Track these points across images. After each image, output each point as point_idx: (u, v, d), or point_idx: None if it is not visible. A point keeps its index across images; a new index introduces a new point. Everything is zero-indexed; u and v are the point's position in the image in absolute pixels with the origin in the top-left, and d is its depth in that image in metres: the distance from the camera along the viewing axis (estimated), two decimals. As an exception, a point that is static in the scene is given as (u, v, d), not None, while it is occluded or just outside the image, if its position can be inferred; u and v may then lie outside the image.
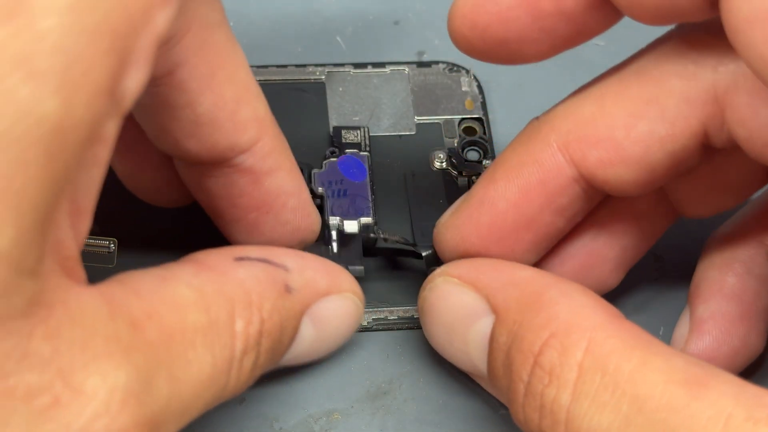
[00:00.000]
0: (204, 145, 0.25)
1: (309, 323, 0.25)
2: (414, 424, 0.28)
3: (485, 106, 0.35)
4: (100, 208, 0.20)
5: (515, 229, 0.26)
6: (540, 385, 0.22)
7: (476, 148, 0.34)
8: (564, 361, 0.21)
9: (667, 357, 0.21)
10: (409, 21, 0.39)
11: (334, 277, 0.26)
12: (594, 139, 0.24)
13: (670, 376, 0.20)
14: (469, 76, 0.35)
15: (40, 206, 0.16)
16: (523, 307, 0.23)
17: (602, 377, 0.21)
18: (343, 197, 0.31)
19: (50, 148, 0.15)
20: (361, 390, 0.29)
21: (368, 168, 0.32)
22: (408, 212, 0.31)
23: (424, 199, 0.32)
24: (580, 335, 0.22)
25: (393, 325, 0.30)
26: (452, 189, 0.32)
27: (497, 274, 0.25)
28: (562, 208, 0.26)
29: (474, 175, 0.33)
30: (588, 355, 0.21)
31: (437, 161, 0.33)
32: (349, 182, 0.31)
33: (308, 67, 0.35)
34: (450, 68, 0.36)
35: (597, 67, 0.37)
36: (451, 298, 0.26)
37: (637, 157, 0.24)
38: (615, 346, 0.21)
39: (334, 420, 0.28)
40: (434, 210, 0.31)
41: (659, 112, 0.24)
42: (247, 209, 0.27)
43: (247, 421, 0.28)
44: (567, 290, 0.23)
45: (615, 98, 0.24)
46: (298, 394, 0.29)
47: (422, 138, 0.33)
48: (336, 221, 0.30)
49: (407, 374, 0.29)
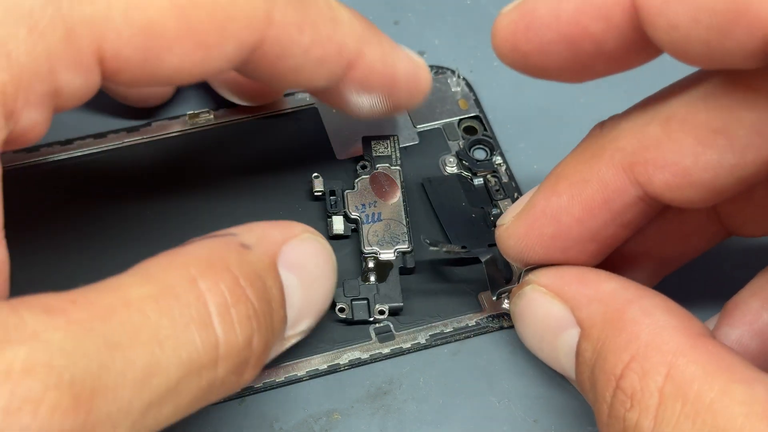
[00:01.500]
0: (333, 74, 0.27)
1: (287, 272, 0.25)
2: (414, 424, 0.28)
3: (479, 103, 0.35)
4: None
5: (579, 242, 0.26)
6: (622, 409, 0.22)
7: (482, 146, 0.34)
8: (645, 386, 0.21)
9: (749, 384, 0.21)
10: (409, 21, 0.39)
11: (283, 226, 0.26)
12: (661, 163, 0.24)
13: (752, 407, 0.20)
14: (457, 76, 0.35)
15: None
16: (606, 324, 0.23)
17: (683, 405, 0.21)
18: (378, 221, 0.31)
19: None
20: (361, 390, 0.29)
21: (401, 185, 0.32)
22: (437, 219, 0.31)
23: (446, 204, 0.32)
24: (661, 359, 0.22)
25: (450, 337, 0.30)
26: (470, 190, 0.32)
27: (582, 287, 0.25)
28: (626, 223, 0.25)
29: (488, 174, 0.33)
30: (669, 381, 0.21)
31: (448, 166, 0.33)
32: (382, 203, 0.31)
33: (297, 95, 0.35)
34: (436, 71, 0.36)
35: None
36: (539, 308, 0.26)
37: (705, 182, 0.23)
38: (696, 372, 0.21)
39: (334, 420, 0.28)
40: (460, 213, 0.31)
41: (728, 142, 0.23)
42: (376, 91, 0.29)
43: (247, 421, 0.28)
44: (649, 308, 0.23)
45: (682, 124, 0.23)
46: (298, 394, 0.29)
47: (427, 145, 0.33)
48: (372, 250, 0.30)
49: (407, 374, 0.29)
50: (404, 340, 0.29)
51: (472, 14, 0.39)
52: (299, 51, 0.26)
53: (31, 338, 0.19)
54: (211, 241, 0.23)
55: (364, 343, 0.29)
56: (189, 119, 0.34)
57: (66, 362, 0.19)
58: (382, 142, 0.33)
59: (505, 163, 0.33)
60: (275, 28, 0.25)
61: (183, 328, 0.21)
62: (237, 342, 0.22)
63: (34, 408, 0.18)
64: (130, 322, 0.20)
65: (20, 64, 0.21)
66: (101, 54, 0.23)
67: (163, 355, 0.20)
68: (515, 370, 0.29)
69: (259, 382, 0.28)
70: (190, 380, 0.21)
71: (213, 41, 0.24)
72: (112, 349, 0.19)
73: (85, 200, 0.32)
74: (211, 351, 0.21)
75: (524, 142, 0.35)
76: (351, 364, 0.29)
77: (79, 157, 0.33)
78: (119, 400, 0.19)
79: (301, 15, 0.26)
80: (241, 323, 0.22)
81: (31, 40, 0.21)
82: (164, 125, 0.34)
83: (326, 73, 0.27)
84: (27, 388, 0.18)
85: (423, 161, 0.33)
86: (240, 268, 0.23)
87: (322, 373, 0.29)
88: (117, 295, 0.20)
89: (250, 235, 0.24)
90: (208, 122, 0.34)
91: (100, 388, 0.19)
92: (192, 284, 0.22)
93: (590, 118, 0.35)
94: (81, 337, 0.19)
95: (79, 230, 0.31)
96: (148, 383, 0.20)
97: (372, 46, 0.28)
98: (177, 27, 0.23)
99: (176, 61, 0.24)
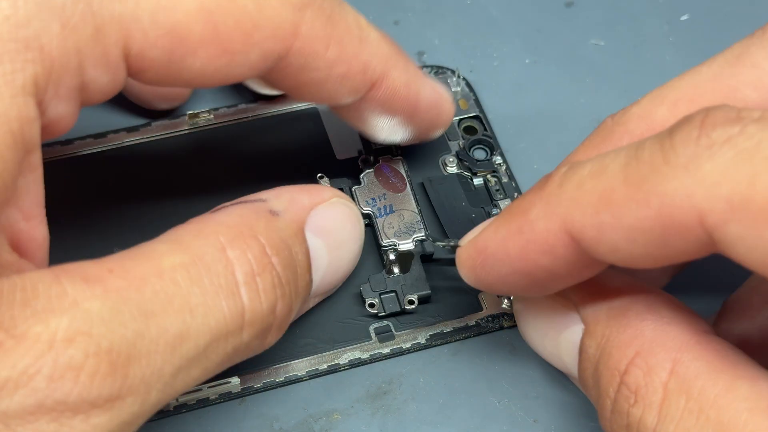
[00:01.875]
0: (355, 92, 0.27)
1: (314, 237, 0.26)
2: (414, 424, 0.28)
3: (479, 103, 0.35)
4: None
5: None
6: (626, 404, 0.22)
7: (482, 146, 0.34)
8: (649, 381, 0.21)
9: (753, 381, 0.21)
10: (409, 21, 0.39)
11: (312, 191, 0.27)
12: None
13: (756, 403, 0.20)
14: (456, 76, 0.35)
15: None
16: (610, 321, 0.23)
17: (687, 401, 0.21)
18: (391, 213, 0.31)
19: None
20: (361, 390, 0.29)
21: (406, 174, 0.32)
22: (437, 219, 0.31)
23: (447, 204, 0.32)
24: (666, 355, 0.22)
25: (450, 337, 0.30)
26: (470, 190, 0.32)
27: (586, 285, 0.25)
28: None
29: (488, 173, 0.33)
30: (673, 377, 0.21)
31: (449, 165, 0.33)
32: (392, 195, 0.31)
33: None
34: (436, 71, 0.36)
35: (596, 66, 0.37)
36: (541, 304, 0.26)
37: None
38: (700, 368, 0.21)
39: (334, 420, 0.28)
40: (461, 213, 0.31)
41: None
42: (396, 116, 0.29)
43: (247, 421, 0.28)
44: (653, 305, 0.23)
45: (689, 105, 0.24)
46: (298, 394, 0.29)
47: (427, 145, 0.33)
48: (390, 242, 0.30)
49: (407, 374, 0.29)
50: (404, 340, 0.29)
51: (472, 14, 0.39)
52: (323, 65, 0.26)
53: (71, 307, 0.20)
54: (241, 208, 0.24)
55: (364, 343, 0.29)
56: (189, 119, 0.34)
57: (104, 330, 0.20)
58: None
59: (505, 163, 0.33)
60: (301, 41, 0.25)
61: (212, 296, 0.22)
62: (261, 309, 0.23)
63: (75, 375, 0.19)
64: (163, 291, 0.21)
65: (52, 58, 0.21)
66: (127, 52, 0.23)
67: (193, 322, 0.21)
68: (515, 370, 0.29)
69: (259, 383, 0.28)
70: (217, 345, 0.22)
71: (238, 48, 0.24)
72: (147, 317, 0.21)
73: (86, 200, 0.32)
74: (237, 318, 0.22)
75: (524, 142, 0.35)
76: (351, 364, 0.29)
77: (80, 157, 0.33)
78: (152, 365, 0.21)
79: (328, 30, 0.26)
80: (266, 291, 0.23)
81: (63, 35, 0.22)
82: (164, 125, 0.34)
83: (348, 90, 0.27)
84: (69, 356, 0.19)
85: (424, 161, 0.33)
86: (267, 236, 0.24)
87: (322, 373, 0.29)
88: (151, 264, 0.21)
89: (279, 201, 0.25)
90: (208, 122, 0.34)
91: (135, 355, 0.20)
92: (221, 253, 0.23)
93: (590, 118, 0.36)
94: (118, 305, 0.20)
95: (79, 230, 0.31)
96: (179, 349, 0.21)
97: (397, 70, 0.28)
98: (203, 31, 0.23)
99: (199, 65, 0.24)
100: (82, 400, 0.19)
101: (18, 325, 0.19)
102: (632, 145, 0.21)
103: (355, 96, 0.28)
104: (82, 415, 0.19)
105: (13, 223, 0.22)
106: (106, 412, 0.20)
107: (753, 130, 0.19)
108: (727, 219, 0.19)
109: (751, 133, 0.19)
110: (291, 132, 0.34)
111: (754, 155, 0.18)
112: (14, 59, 0.21)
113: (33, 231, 0.23)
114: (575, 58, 0.38)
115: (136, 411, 0.20)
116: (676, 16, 0.39)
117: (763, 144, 0.18)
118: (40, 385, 0.19)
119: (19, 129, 0.21)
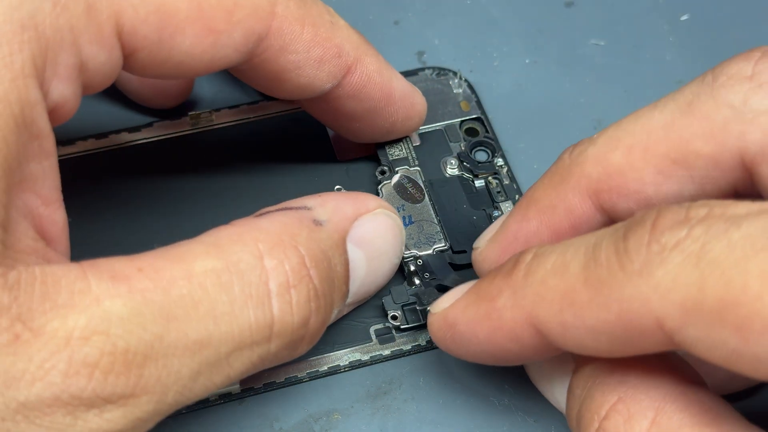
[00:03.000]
0: (332, 76, 0.28)
1: (354, 248, 0.26)
2: (414, 424, 0.28)
3: (481, 105, 0.35)
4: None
5: None
6: None
7: (483, 148, 0.34)
8: (629, 429, 0.21)
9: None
10: (409, 21, 0.39)
11: (357, 200, 0.27)
12: (624, 191, 0.24)
13: None
14: (458, 77, 0.35)
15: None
16: (598, 363, 0.23)
17: None
18: (410, 224, 0.31)
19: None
20: (361, 390, 0.29)
21: (424, 185, 0.32)
22: (438, 221, 0.31)
23: (448, 206, 0.32)
24: (649, 404, 0.21)
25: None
26: (472, 192, 0.32)
27: None
28: None
29: (489, 175, 0.33)
30: (654, 427, 0.21)
31: (450, 167, 0.33)
32: (410, 206, 0.31)
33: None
34: (437, 72, 0.36)
35: (597, 66, 0.37)
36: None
37: None
38: (683, 421, 0.21)
39: (334, 420, 0.28)
40: (462, 216, 0.31)
41: (687, 173, 0.23)
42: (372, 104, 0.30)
43: (247, 421, 0.28)
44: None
45: (643, 153, 0.24)
46: (298, 394, 0.29)
47: (428, 147, 0.33)
48: (411, 253, 0.30)
49: (407, 374, 0.29)
50: (405, 341, 0.30)
51: (472, 14, 0.39)
52: (301, 47, 0.27)
53: (92, 304, 0.20)
54: (284, 215, 0.24)
55: (364, 345, 0.29)
56: (191, 119, 0.34)
57: (122, 331, 0.20)
58: (396, 144, 0.33)
59: (507, 164, 0.33)
60: (278, 20, 0.26)
61: (240, 305, 0.22)
62: (292, 321, 0.23)
63: (90, 372, 0.20)
64: (189, 295, 0.21)
65: (47, 36, 0.22)
66: (120, 29, 0.23)
67: (216, 329, 0.21)
68: (515, 370, 0.29)
69: (259, 383, 0.28)
70: (241, 353, 0.22)
71: (222, 27, 0.25)
72: (168, 320, 0.21)
73: (86, 200, 0.32)
74: (265, 329, 0.22)
75: (524, 142, 0.35)
76: (351, 365, 0.29)
77: (81, 157, 0.33)
78: (169, 367, 0.21)
79: (302, 12, 0.27)
80: (300, 304, 0.23)
81: (56, 12, 0.22)
82: (165, 125, 0.34)
83: (326, 75, 0.28)
84: (84, 354, 0.20)
85: (425, 163, 0.33)
86: (308, 246, 0.24)
87: (323, 375, 0.29)
88: (182, 266, 0.21)
89: (324, 210, 0.25)
90: (209, 123, 0.34)
91: (152, 356, 0.20)
92: (258, 260, 0.22)
93: (590, 118, 0.36)
94: (140, 306, 0.20)
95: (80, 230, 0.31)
96: (198, 354, 0.21)
97: (369, 56, 0.29)
98: (188, 8, 0.24)
99: (188, 44, 0.24)
100: (96, 396, 0.20)
101: (35, 318, 0.19)
102: (590, 243, 0.21)
103: (333, 81, 0.28)
104: (96, 410, 0.20)
105: (33, 209, 0.22)
106: (120, 408, 0.20)
107: (698, 232, 0.19)
108: (683, 324, 0.19)
109: (697, 236, 0.19)
110: (292, 133, 0.34)
111: (701, 259, 0.19)
112: (11, 41, 0.21)
113: (53, 215, 0.23)
114: (575, 58, 0.38)
115: (151, 409, 0.21)
116: (676, 16, 0.39)
117: (708, 246, 0.19)
118: (56, 380, 0.19)
119: (20, 112, 0.21)
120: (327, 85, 0.28)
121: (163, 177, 0.32)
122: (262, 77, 0.28)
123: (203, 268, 0.22)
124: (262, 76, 0.28)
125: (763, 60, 0.23)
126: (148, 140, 0.33)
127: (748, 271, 0.18)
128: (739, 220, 0.19)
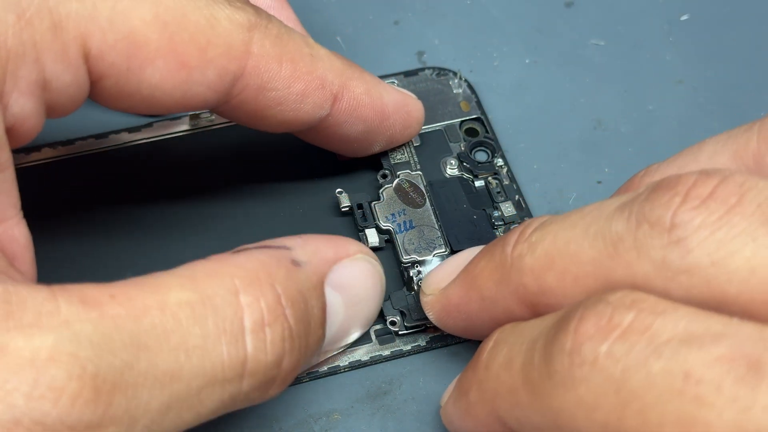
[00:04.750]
0: (319, 108, 0.28)
1: (332, 291, 0.25)
2: (414, 424, 0.28)
3: (481, 105, 0.35)
4: None
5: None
6: None
7: (483, 148, 0.34)
8: None
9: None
10: (409, 21, 0.39)
11: (338, 244, 0.26)
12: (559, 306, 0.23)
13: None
14: (458, 77, 0.35)
15: None
16: None
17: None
18: (410, 229, 0.31)
19: None
20: (361, 390, 0.29)
21: (425, 189, 0.32)
22: (439, 227, 0.31)
23: (448, 206, 0.32)
24: None
25: (451, 340, 0.30)
26: (471, 192, 0.32)
27: None
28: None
29: (489, 176, 0.33)
30: None
31: (449, 168, 0.33)
32: (411, 210, 0.31)
33: None
34: (437, 73, 0.36)
35: (596, 66, 0.37)
36: None
37: None
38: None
39: (334, 420, 0.28)
40: (461, 216, 0.31)
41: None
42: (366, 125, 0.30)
43: (247, 421, 0.28)
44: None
45: (574, 282, 0.23)
46: (298, 394, 0.29)
47: (428, 147, 0.33)
48: (410, 259, 0.30)
49: (407, 374, 0.29)
50: (405, 342, 0.29)
51: (472, 14, 0.39)
52: (280, 84, 0.27)
53: (61, 326, 0.19)
54: (263, 253, 0.23)
55: (364, 345, 0.29)
56: (190, 120, 0.34)
57: (91, 355, 0.19)
58: (398, 148, 0.33)
59: (507, 164, 0.33)
60: (254, 59, 0.26)
61: (214, 339, 0.21)
62: (266, 361, 0.22)
63: (55, 396, 0.18)
64: (161, 325, 0.20)
65: (8, 48, 0.21)
66: (87, 51, 0.23)
67: (187, 362, 0.21)
68: (515, 370, 0.29)
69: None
70: (212, 390, 0.21)
71: (194, 63, 0.25)
72: (139, 349, 0.20)
73: (86, 200, 0.32)
74: (237, 366, 0.22)
75: (524, 142, 0.35)
76: (351, 366, 0.29)
77: (81, 157, 0.33)
78: (138, 398, 0.20)
79: (278, 49, 0.27)
80: (274, 343, 0.22)
81: (19, 26, 0.22)
82: (165, 125, 0.34)
83: (311, 108, 0.28)
84: (50, 376, 0.18)
85: (425, 163, 0.33)
86: (285, 286, 0.23)
87: (322, 375, 0.29)
88: (156, 296, 0.21)
89: (304, 251, 0.25)
90: (209, 123, 0.34)
91: (121, 385, 0.19)
92: (233, 296, 0.22)
93: (590, 118, 0.36)
94: (111, 332, 0.20)
95: (80, 230, 0.31)
96: (168, 387, 0.20)
97: (355, 80, 0.29)
98: (159, 40, 0.24)
99: (159, 77, 0.24)
100: (61, 423, 0.18)
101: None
102: (532, 337, 0.22)
103: (321, 112, 0.28)
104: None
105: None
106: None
107: (619, 352, 0.19)
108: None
109: (618, 357, 0.19)
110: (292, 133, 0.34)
111: (620, 388, 0.19)
112: None
113: (11, 231, 0.23)
114: (575, 58, 0.38)
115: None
116: (676, 16, 0.39)
117: (628, 375, 0.19)
118: (18, 402, 0.18)
119: None
120: (315, 117, 0.28)
121: (163, 177, 0.32)
122: (245, 115, 0.28)
123: (177, 299, 0.21)
124: (245, 114, 0.28)
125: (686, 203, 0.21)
126: (148, 140, 0.33)
127: (664, 416, 0.18)
128: (660, 348, 0.19)
